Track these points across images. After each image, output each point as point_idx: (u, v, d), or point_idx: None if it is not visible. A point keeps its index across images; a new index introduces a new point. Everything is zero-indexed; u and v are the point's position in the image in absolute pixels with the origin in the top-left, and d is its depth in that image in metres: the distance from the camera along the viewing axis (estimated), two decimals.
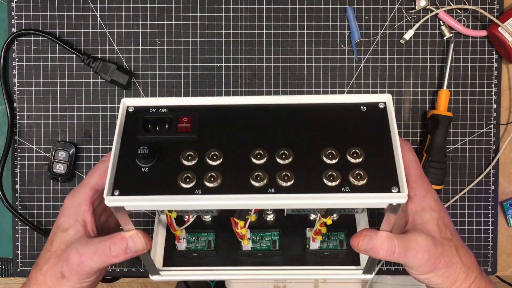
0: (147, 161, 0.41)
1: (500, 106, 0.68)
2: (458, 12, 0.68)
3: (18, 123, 0.68)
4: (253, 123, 0.43)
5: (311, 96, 0.44)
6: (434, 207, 0.45)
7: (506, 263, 0.70)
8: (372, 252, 0.43)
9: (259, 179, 0.39)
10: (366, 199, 0.39)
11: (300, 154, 0.40)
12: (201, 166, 0.40)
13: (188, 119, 0.42)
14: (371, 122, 0.42)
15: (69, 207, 0.48)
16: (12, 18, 0.67)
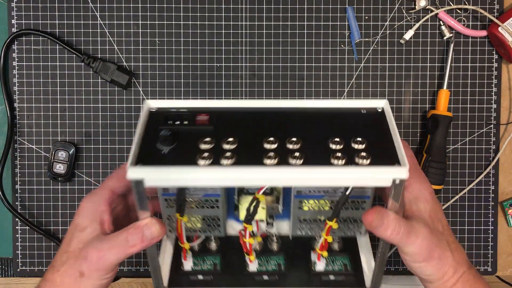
0: (167, 143, 0.43)
1: (500, 106, 0.68)
2: (458, 12, 0.68)
3: (18, 123, 0.68)
4: (265, 119, 0.46)
5: (314, 101, 0.48)
6: (428, 199, 0.47)
7: (506, 263, 0.70)
8: (380, 230, 0.44)
9: (271, 158, 0.42)
10: (371, 174, 0.41)
11: (308, 142, 0.44)
12: (218, 149, 0.43)
13: (206, 115, 0.46)
14: (371, 119, 0.46)
15: (87, 208, 0.48)
16: (12, 18, 0.67)
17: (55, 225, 0.68)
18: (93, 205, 0.49)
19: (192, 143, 0.44)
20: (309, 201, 0.50)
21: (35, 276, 0.69)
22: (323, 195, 0.49)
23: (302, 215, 0.51)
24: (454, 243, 0.47)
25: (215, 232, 0.53)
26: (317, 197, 0.49)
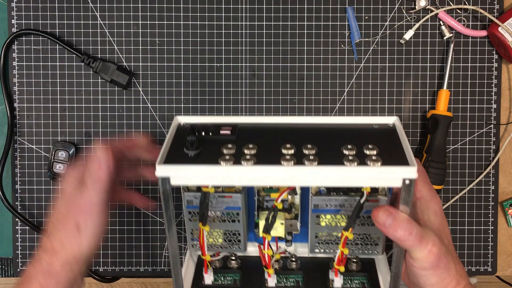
0: (193, 148, 0.47)
1: (500, 106, 0.68)
2: (458, 12, 0.68)
3: (18, 123, 0.68)
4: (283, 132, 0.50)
5: (328, 117, 0.51)
6: (438, 212, 0.48)
7: (506, 263, 0.70)
8: (390, 229, 0.44)
9: (288, 160, 0.45)
10: (382, 173, 0.43)
11: (323, 148, 0.46)
12: (239, 154, 0.46)
13: (229, 127, 0.50)
14: (383, 132, 0.49)
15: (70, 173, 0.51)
16: (12, 18, 0.67)
17: None
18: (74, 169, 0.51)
19: (216, 148, 0.47)
20: (326, 216, 0.52)
21: None
22: (339, 210, 0.51)
23: (319, 231, 0.53)
24: (456, 258, 0.47)
25: (235, 248, 0.55)
26: (333, 211, 0.51)
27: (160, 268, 0.69)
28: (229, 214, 0.52)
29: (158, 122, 0.68)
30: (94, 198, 0.49)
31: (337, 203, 0.51)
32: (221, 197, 0.51)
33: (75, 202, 0.50)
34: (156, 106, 0.68)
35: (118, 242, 0.69)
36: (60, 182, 0.51)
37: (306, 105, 0.68)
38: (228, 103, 0.68)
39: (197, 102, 0.68)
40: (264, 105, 0.68)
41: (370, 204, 0.50)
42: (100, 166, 0.49)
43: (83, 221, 0.49)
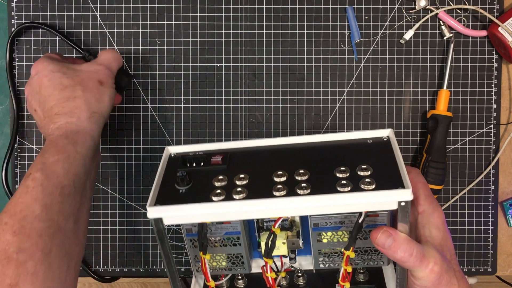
0: (184, 183, 0.47)
1: (500, 106, 0.68)
2: (458, 12, 0.68)
3: (18, 123, 0.68)
4: (275, 155, 0.50)
5: (321, 136, 0.51)
6: (440, 227, 0.47)
7: (506, 263, 0.70)
8: (390, 250, 0.44)
9: (280, 190, 0.44)
10: (377, 197, 0.43)
11: (315, 173, 0.46)
12: (230, 186, 0.46)
13: (220, 155, 0.50)
14: (377, 148, 0.48)
15: (44, 57, 0.60)
16: (12, 18, 0.67)
17: None
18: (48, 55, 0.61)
19: (207, 181, 0.47)
20: (327, 233, 0.51)
21: None
22: (340, 226, 0.50)
23: (322, 247, 0.52)
24: (459, 272, 0.47)
25: (240, 269, 0.55)
26: (334, 228, 0.51)
27: (160, 268, 0.69)
28: (230, 239, 0.52)
29: (158, 122, 0.68)
30: (117, 66, 0.61)
31: (337, 220, 0.50)
32: (220, 223, 0.51)
33: (91, 67, 0.58)
34: (156, 106, 0.68)
35: (118, 242, 0.69)
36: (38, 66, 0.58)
37: (306, 105, 0.68)
38: (228, 103, 0.68)
39: (197, 102, 0.68)
40: (264, 105, 0.68)
41: (371, 219, 0.49)
42: None
43: (106, 79, 0.57)
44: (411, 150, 0.68)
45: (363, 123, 0.68)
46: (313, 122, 0.68)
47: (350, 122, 0.68)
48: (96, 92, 0.56)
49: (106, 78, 0.57)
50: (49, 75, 0.56)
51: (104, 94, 0.56)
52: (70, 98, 0.55)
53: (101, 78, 0.57)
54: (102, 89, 0.57)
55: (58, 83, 0.55)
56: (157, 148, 0.68)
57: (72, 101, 0.54)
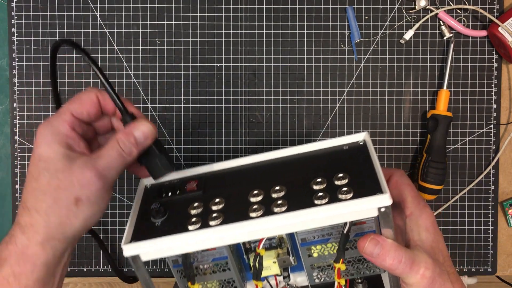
0: (159, 215, 0.46)
1: (500, 106, 0.68)
2: (458, 12, 0.68)
3: (18, 123, 0.68)
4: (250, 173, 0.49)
5: (296, 148, 0.49)
6: (429, 228, 0.45)
7: (506, 263, 0.70)
8: (378, 259, 0.42)
9: (256, 210, 0.43)
10: (354, 206, 0.41)
11: (291, 188, 0.45)
12: (206, 212, 0.45)
13: (195, 181, 0.49)
14: (353, 154, 0.47)
15: (45, 134, 0.43)
16: (12, 18, 0.67)
17: None
18: (53, 131, 0.43)
19: (183, 210, 0.46)
20: (317, 246, 0.50)
21: None
22: (329, 238, 0.49)
23: (313, 262, 0.51)
24: (454, 275, 0.45)
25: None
26: (323, 241, 0.49)
27: (160, 268, 0.69)
28: (218, 265, 0.50)
29: (158, 122, 0.68)
30: (113, 175, 0.42)
31: (324, 233, 0.49)
32: (205, 250, 0.49)
33: (79, 172, 0.41)
34: (156, 106, 0.68)
35: (118, 242, 0.69)
36: (35, 144, 0.43)
37: (306, 105, 0.68)
38: (228, 103, 0.68)
39: (197, 102, 0.68)
40: (264, 105, 0.68)
41: (358, 226, 0.48)
42: (137, 147, 0.43)
43: (86, 197, 0.41)
44: (411, 150, 0.68)
45: (363, 123, 0.68)
46: (313, 122, 0.68)
47: (350, 122, 0.68)
48: (64, 214, 0.41)
49: (88, 194, 0.42)
50: (35, 157, 0.43)
51: (76, 217, 0.42)
52: (32, 207, 0.42)
53: (80, 194, 0.41)
54: (75, 210, 0.42)
55: (36, 175, 0.42)
56: None
57: (29, 214, 0.42)
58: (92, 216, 0.43)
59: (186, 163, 0.68)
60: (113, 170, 0.42)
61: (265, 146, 0.68)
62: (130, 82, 0.67)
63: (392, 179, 0.49)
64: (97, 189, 0.42)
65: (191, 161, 0.68)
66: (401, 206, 0.47)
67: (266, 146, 0.68)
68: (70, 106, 0.44)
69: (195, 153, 0.68)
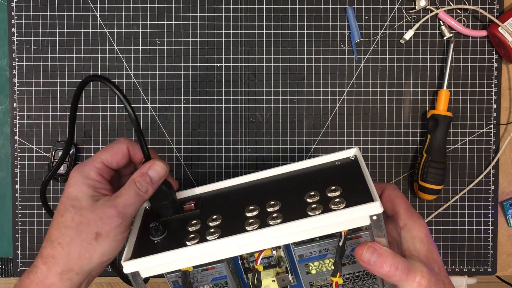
0: (158, 233, 0.47)
1: (500, 106, 0.68)
2: (458, 12, 0.68)
3: (18, 123, 0.68)
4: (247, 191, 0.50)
5: (289, 166, 0.51)
6: (423, 239, 0.46)
7: (506, 263, 0.70)
8: (375, 266, 0.43)
9: (252, 224, 0.44)
10: (347, 215, 0.43)
11: (286, 202, 0.46)
12: (204, 228, 0.46)
13: (193, 201, 0.50)
14: (345, 168, 0.49)
15: (77, 177, 0.47)
16: (12, 18, 0.67)
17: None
18: (84, 174, 0.47)
19: (181, 228, 0.47)
20: (314, 263, 0.50)
21: None
22: (326, 254, 0.49)
23: (312, 279, 0.51)
24: (449, 285, 0.46)
25: None
26: (320, 257, 0.50)
27: None
28: (218, 285, 0.51)
29: (158, 122, 0.68)
30: (131, 212, 0.46)
31: (321, 248, 0.49)
32: (204, 270, 0.49)
33: (102, 210, 0.45)
34: (156, 106, 0.68)
35: None
36: (67, 185, 0.48)
37: (306, 105, 0.68)
38: (228, 103, 0.68)
39: (197, 102, 0.68)
40: (264, 105, 0.68)
41: (354, 241, 0.48)
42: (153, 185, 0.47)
43: (105, 232, 0.45)
44: (411, 150, 0.68)
45: (363, 123, 0.68)
46: (313, 122, 0.68)
47: (350, 122, 0.68)
48: (84, 247, 0.45)
49: (108, 230, 0.45)
50: (64, 195, 0.47)
51: (95, 251, 0.45)
52: (55, 240, 0.46)
53: (101, 229, 0.45)
54: (95, 244, 0.45)
55: (63, 211, 0.46)
56: (157, 148, 0.68)
57: (52, 246, 0.46)
58: (109, 251, 0.46)
59: (186, 163, 0.68)
60: (131, 207, 0.46)
61: (265, 146, 0.68)
62: (130, 82, 0.67)
63: (385, 193, 0.50)
64: (117, 225, 0.45)
65: (191, 161, 0.68)
66: (395, 219, 0.48)
67: (266, 146, 0.68)
68: (102, 155, 0.48)
69: (195, 153, 0.68)
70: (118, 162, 0.49)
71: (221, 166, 0.68)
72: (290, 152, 0.68)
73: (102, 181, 0.48)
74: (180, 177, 0.68)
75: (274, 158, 0.68)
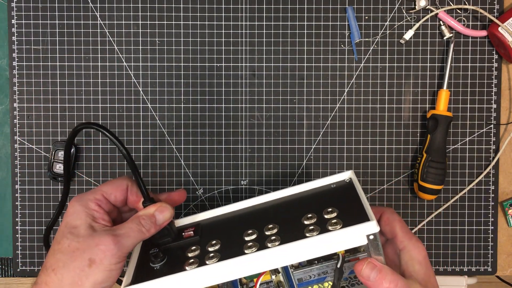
0: (158, 260, 0.48)
1: (500, 106, 0.68)
2: (458, 12, 0.68)
3: (18, 123, 0.68)
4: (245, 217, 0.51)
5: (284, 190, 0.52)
6: (422, 262, 0.47)
7: (506, 263, 0.70)
8: (375, 283, 0.43)
9: (251, 247, 0.45)
10: (344, 235, 0.43)
11: (284, 225, 0.47)
12: (203, 253, 0.47)
13: (192, 228, 0.51)
14: (341, 190, 0.50)
15: (76, 206, 0.48)
16: (12, 18, 0.67)
17: (55, 225, 0.68)
18: (83, 204, 0.48)
19: (181, 254, 0.48)
20: (314, 286, 0.50)
21: (35, 276, 0.69)
22: (325, 277, 0.50)
23: None
24: None
25: None
26: (319, 280, 0.50)
27: None
28: None
29: (158, 122, 0.68)
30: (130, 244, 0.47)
31: (320, 271, 0.49)
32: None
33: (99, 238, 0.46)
34: (156, 106, 0.68)
35: None
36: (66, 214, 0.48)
37: (306, 105, 0.68)
38: (228, 103, 0.68)
39: (197, 102, 0.68)
40: (264, 105, 0.68)
41: (353, 263, 0.48)
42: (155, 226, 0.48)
43: (100, 259, 0.45)
44: (411, 150, 0.68)
45: (363, 123, 0.68)
46: (313, 122, 0.68)
47: (350, 122, 0.68)
48: (77, 274, 0.45)
49: (102, 257, 0.45)
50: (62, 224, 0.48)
51: (87, 278, 0.45)
52: (50, 267, 0.46)
53: (95, 256, 0.45)
54: (88, 271, 0.45)
55: (60, 238, 0.47)
56: (157, 148, 0.68)
57: (46, 273, 0.46)
58: (102, 280, 0.45)
59: (186, 163, 0.68)
60: (130, 240, 0.46)
61: (265, 146, 0.68)
62: (130, 82, 0.67)
63: (384, 217, 0.50)
64: (112, 254, 0.45)
65: (191, 161, 0.68)
66: (394, 241, 0.49)
67: (266, 146, 0.68)
68: (103, 188, 0.50)
69: (195, 153, 0.68)
70: (117, 197, 0.50)
71: (221, 166, 0.68)
72: (290, 152, 0.68)
73: (101, 212, 0.48)
74: (180, 177, 0.68)
75: (274, 158, 0.68)
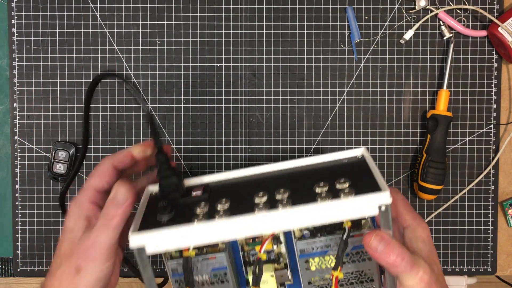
0: (165, 213, 0.47)
1: (500, 106, 0.68)
2: (458, 12, 0.68)
3: (18, 123, 0.68)
4: (255, 181, 0.51)
5: (297, 161, 0.51)
6: (426, 240, 0.47)
7: (506, 263, 0.70)
8: (382, 254, 0.44)
9: (261, 208, 0.45)
10: (356, 202, 0.43)
11: (295, 190, 0.47)
12: (212, 211, 0.46)
13: (201, 187, 0.50)
14: (353, 164, 0.50)
15: (73, 210, 0.48)
16: (12, 18, 0.67)
17: (55, 225, 0.68)
18: (78, 205, 0.48)
19: (189, 210, 0.47)
20: (315, 259, 0.50)
21: (35, 276, 0.69)
22: (327, 251, 0.50)
23: (311, 276, 0.51)
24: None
25: None
26: (321, 253, 0.50)
27: (160, 268, 0.69)
28: (217, 276, 0.51)
29: (158, 122, 0.68)
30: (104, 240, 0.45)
31: (323, 244, 0.50)
32: (205, 259, 0.50)
33: (80, 242, 0.46)
34: (156, 106, 0.68)
35: None
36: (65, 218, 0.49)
37: (306, 105, 0.68)
38: (228, 103, 0.68)
39: (197, 102, 0.68)
40: (264, 105, 0.68)
41: (356, 239, 0.49)
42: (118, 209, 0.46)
43: (84, 265, 0.45)
44: (411, 150, 0.68)
45: (363, 123, 0.68)
46: (313, 122, 0.68)
47: (350, 122, 0.68)
48: (69, 280, 0.45)
49: (87, 263, 0.45)
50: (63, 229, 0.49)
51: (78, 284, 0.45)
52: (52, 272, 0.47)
53: (80, 263, 0.45)
54: (77, 279, 0.45)
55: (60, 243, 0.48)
56: None
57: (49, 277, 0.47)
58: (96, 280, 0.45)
59: (186, 163, 0.68)
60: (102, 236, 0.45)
61: (265, 146, 0.68)
62: (130, 82, 0.67)
63: None
64: (92, 258, 0.45)
65: (191, 161, 0.68)
66: (398, 220, 0.49)
67: (266, 146, 0.68)
68: (92, 182, 0.49)
69: (195, 153, 0.68)
70: (108, 181, 0.49)
71: (221, 166, 0.68)
72: (290, 152, 0.68)
73: (96, 210, 0.48)
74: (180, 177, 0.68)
75: (274, 158, 0.68)
